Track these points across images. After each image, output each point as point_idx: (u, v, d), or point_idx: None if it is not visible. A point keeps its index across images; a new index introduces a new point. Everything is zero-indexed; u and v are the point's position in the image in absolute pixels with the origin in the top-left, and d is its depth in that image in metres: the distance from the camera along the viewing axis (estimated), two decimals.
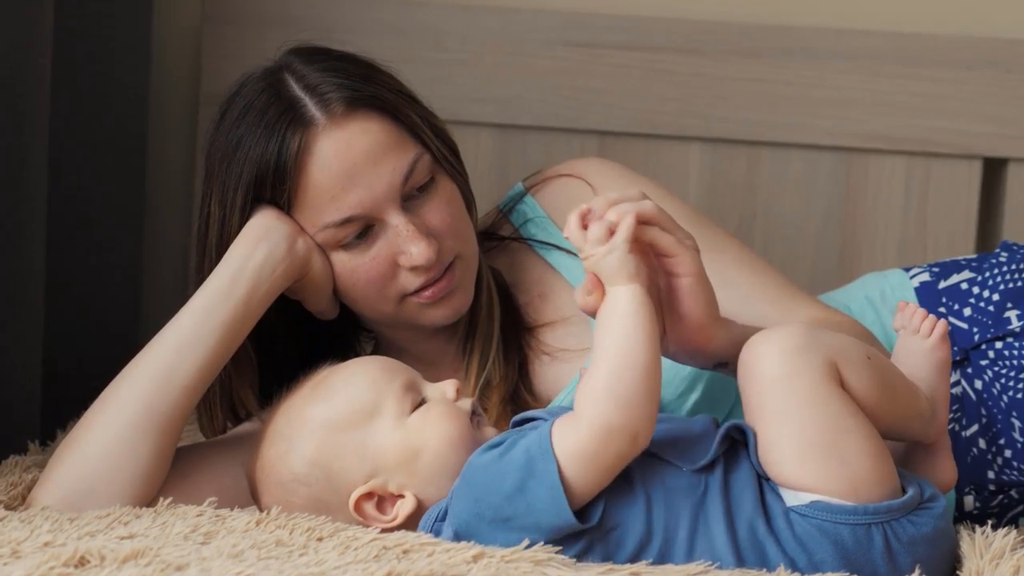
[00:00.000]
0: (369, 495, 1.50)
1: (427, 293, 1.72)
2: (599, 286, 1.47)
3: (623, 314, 1.44)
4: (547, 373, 1.79)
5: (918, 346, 1.57)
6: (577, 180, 1.83)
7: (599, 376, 1.43)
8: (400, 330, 1.80)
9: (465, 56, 2.43)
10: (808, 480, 1.43)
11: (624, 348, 1.43)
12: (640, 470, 1.45)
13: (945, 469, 1.57)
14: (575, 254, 1.81)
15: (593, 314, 1.48)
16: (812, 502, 1.43)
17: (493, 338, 1.79)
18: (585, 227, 1.47)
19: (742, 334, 1.53)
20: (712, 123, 2.43)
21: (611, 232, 1.46)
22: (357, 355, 1.79)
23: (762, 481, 1.46)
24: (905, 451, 1.59)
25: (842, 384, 1.46)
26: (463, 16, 2.44)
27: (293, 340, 1.79)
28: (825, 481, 1.43)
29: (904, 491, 1.46)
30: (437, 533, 1.47)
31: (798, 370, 1.45)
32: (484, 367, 1.77)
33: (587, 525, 1.42)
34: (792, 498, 1.44)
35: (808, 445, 1.44)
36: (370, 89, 1.70)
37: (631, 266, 1.45)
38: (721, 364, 1.57)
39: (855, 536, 1.42)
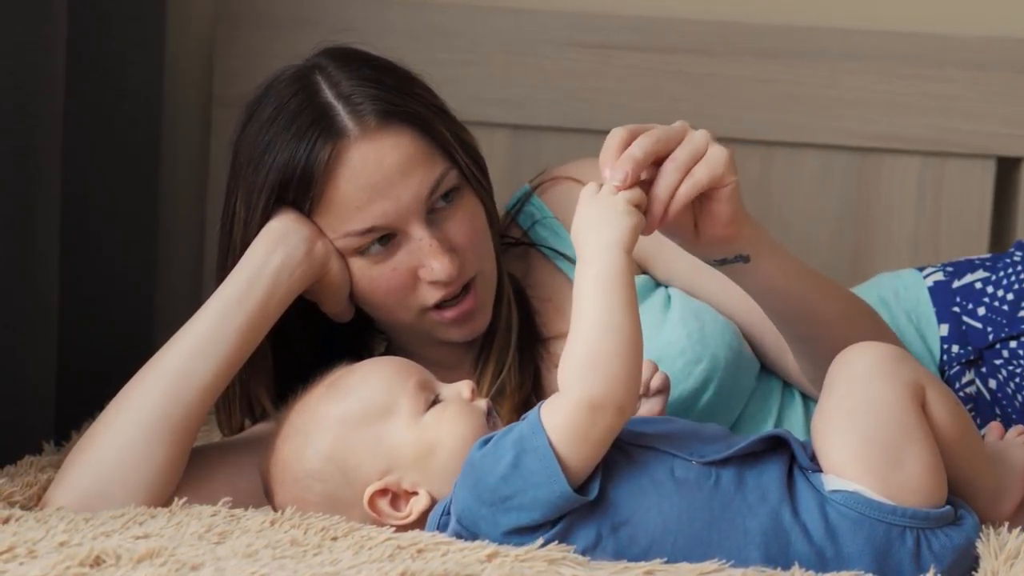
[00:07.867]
0: (383, 491, 1.50)
1: (449, 315, 1.72)
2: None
3: (604, 282, 1.43)
4: (557, 384, 1.79)
5: (1014, 448, 1.60)
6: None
7: (579, 349, 1.42)
8: (415, 336, 1.80)
9: (476, 57, 2.43)
10: (859, 471, 1.43)
11: (603, 318, 1.42)
12: (648, 462, 1.45)
13: None
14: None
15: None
16: (855, 491, 1.43)
17: (510, 348, 1.78)
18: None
19: (763, 230, 1.58)
20: (725, 123, 2.43)
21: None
22: (372, 356, 1.79)
23: (795, 475, 1.46)
24: None
25: (923, 408, 1.48)
26: (474, 17, 2.44)
27: (308, 340, 1.79)
28: (876, 477, 1.43)
29: None
30: (444, 527, 1.46)
31: (887, 375, 1.47)
32: (498, 376, 1.77)
33: (586, 498, 1.41)
34: (836, 483, 1.44)
35: (872, 440, 1.44)
36: (404, 103, 1.69)
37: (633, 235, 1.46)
38: (742, 256, 1.57)
39: (889, 536, 1.42)
